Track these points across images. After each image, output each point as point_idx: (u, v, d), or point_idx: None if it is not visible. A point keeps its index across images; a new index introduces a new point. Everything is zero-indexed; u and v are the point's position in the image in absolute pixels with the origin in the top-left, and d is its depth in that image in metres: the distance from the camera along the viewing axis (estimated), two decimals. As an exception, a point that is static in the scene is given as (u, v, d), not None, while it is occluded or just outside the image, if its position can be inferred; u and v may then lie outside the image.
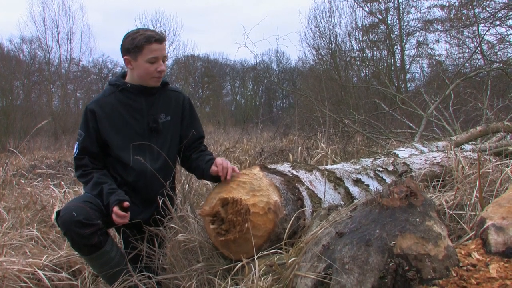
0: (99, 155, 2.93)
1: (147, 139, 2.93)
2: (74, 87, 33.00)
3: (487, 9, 10.95)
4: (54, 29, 30.33)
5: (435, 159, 4.06)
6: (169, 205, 2.87)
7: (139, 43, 2.78)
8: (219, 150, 10.40)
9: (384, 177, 3.59)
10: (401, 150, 4.56)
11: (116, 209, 2.64)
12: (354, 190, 3.24)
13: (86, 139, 2.89)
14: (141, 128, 2.94)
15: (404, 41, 21.01)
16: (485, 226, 1.93)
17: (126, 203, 2.68)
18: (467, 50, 15.15)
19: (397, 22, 20.90)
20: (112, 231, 3.12)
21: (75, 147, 2.94)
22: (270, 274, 2.17)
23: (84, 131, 2.90)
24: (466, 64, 12.63)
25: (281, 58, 38.60)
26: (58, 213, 2.65)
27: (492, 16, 10.65)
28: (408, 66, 21.45)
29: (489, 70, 9.40)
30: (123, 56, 2.89)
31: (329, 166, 3.54)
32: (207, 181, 4.37)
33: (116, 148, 2.90)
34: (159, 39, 2.81)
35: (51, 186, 5.25)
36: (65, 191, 4.94)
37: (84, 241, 2.58)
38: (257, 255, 2.29)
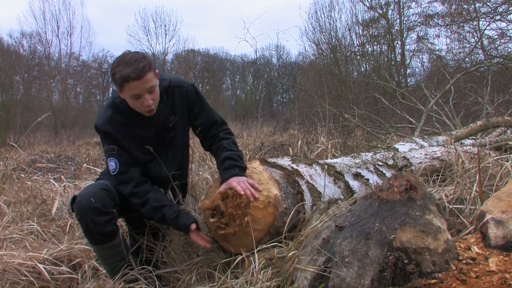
0: (135, 161, 2.84)
1: (161, 147, 2.91)
2: (74, 81, 33.03)
3: (488, 3, 10.92)
4: (54, 23, 30.41)
5: (435, 154, 4.06)
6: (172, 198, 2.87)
7: (117, 82, 2.60)
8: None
9: (384, 171, 3.60)
10: (401, 145, 4.56)
11: (194, 236, 2.64)
12: (354, 184, 3.24)
13: (120, 150, 2.80)
14: (154, 138, 2.88)
15: (405, 35, 20.94)
16: (484, 220, 1.93)
17: (193, 226, 2.63)
18: (467, 45, 15.11)
19: (398, 16, 20.83)
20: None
21: (112, 164, 2.79)
22: (270, 268, 2.18)
23: (114, 144, 2.80)
24: (467, 59, 12.59)
25: (281, 52, 38.58)
26: (73, 198, 2.64)
27: (492, 11, 10.62)
28: (408, 61, 21.41)
29: (490, 65, 9.38)
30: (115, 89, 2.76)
31: (329, 160, 3.54)
32: (207, 175, 4.38)
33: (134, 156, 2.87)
34: (136, 77, 2.56)
35: (51, 180, 5.24)
36: (65, 185, 4.94)
37: (98, 229, 2.57)
38: (257, 249, 2.30)
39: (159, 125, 2.88)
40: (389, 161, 3.76)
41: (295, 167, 2.98)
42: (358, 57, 20.57)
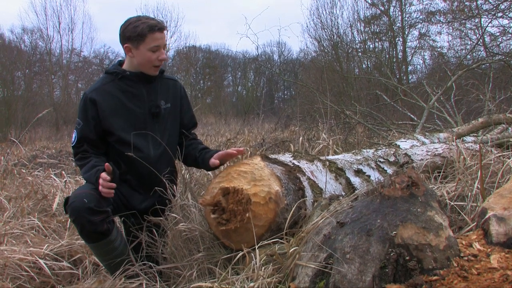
0: (98, 142, 2.92)
1: (149, 124, 2.96)
2: (75, 77, 32.90)
3: (490, 0, 10.88)
4: (55, 19, 30.29)
5: (437, 150, 4.05)
6: (170, 195, 2.86)
7: (142, 31, 2.79)
8: (220, 141, 10.41)
9: (386, 168, 3.59)
10: (403, 141, 4.55)
11: (103, 174, 2.63)
12: (355, 180, 3.24)
13: (85, 127, 2.88)
14: (143, 114, 2.95)
15: (406, 32, 20.87)
16: (486, 217, 1.93)
17: (107, 164, 2.65)
18: (469, 42, 15.07)
19: (399, 13, 20.75)
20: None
21: (74, 136, 2.93)
22: (271, 264, 2.17)
23: (83, 119, 2.89)
24: (468, 56, 12.59)
25: (283, 49, 38.43)
26: (66, 200, 2.64)
27: (494, 8, 10.59)
28: (410, 58, 21.34)
29: (491, 62, 9.36)
30: (123, 43, 2.89)
31: (330, 157, 3.54)
32: (208, 171, 4.37)
33: (120, 131, 2.89)
34: (161, 28, 2.84)
35: (52, 175, 5.25)
36: (66, 180, 4.95)
37: (94, 228, 2.58)
38: (258, 245, 2.29)
39: (149, 102, 2.98)
40: (390, 157, 3.75)
41: (296, 163, 2.97)
42: (360, 54, 20.53)
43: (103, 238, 2.65)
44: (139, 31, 2.80)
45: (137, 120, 2.93)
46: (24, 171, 5.65)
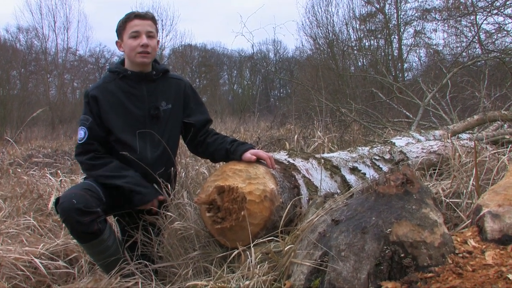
0: (106, 141, 2.91)
1: (148, 126, 2.93)
2: (71, 76, 32.79)
3: (485, -3, 10.90)
4: (50, 18, 30.17)
5: (432, 148, 4.06)
6: (165, 193, 2.85)
7: (122, 21, 2.90)
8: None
9: (381, 166, 3.59)
10: (398, 139, 4.56)
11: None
12: (351, 178, 3.24)
13: (93, 123, 2.87)
14: (142, 115, 2.93)
15: (402, 30, 20.87)
16: (481, 214, 1.93)
17: (161, 197, 2.80)
18: (464, 39, 15.08)
19: (395, 11, 20.75)
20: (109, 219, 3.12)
21: (82, 133, 2.88)
22: (266, 262, 2.17)
23: (90, 115, 2.88)
24: (464, 53, 12.59)
25: (278, 47, 38.40)
26: (57, 200, 2.64)
27: (490, 5, 10.58)
28: (405, 55, 21.34)
29: (487, 59, 9.37)
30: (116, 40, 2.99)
31: (325, 155, 3.54)
32: (204, 170, 4.37)
33: (118, 131, 2.88)
34: (139, 15, 2.91)
35: (47, 174, 5.24)
36: (61, 179, 4.93)
37: (84, 229, 2.57)
38: (253, 243, 2.29)
39: (149, 102, 2.96)
40: (386, 155, 3.76)
41: (291, 161, 2.97)
42: (355, 51, 20.52)
43: (94, 238, 2.64)
44: (120, 22, 2.91)
45: (136, 121, 2.91)
46: (19, 170, 5.63)
